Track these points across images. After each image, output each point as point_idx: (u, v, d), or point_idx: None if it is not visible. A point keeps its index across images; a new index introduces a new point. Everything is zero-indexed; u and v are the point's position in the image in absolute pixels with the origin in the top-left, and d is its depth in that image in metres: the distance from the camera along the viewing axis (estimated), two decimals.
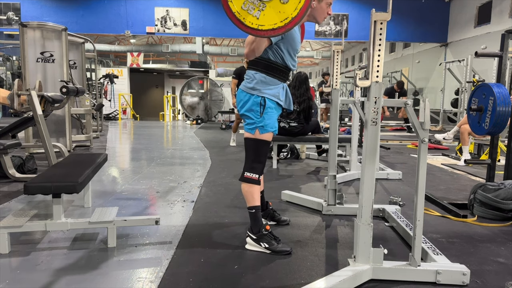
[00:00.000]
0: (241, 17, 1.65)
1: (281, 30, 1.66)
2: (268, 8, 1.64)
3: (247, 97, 2.09)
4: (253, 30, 1.67)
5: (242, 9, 1.63)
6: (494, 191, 2.80)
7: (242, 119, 2.17)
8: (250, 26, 1.66)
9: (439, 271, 1.78)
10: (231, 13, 1.64)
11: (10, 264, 1.94)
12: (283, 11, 1.64)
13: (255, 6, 1.63)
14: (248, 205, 2.15)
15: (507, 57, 3.09)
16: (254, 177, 2.11)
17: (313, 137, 4.86)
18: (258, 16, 1.64)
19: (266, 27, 1.65)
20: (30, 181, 2.05)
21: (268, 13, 1.64)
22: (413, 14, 13.55)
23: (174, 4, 13.24)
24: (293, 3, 1.63)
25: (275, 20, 1.64)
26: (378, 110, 1.69)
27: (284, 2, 1.63)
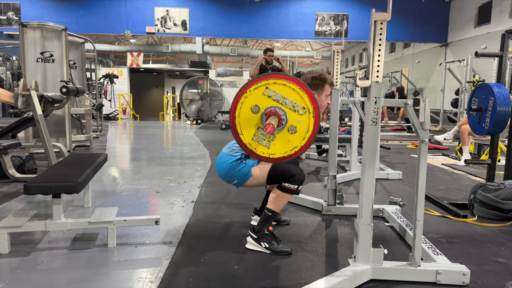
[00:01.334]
0: (253, 147, 1.77)
1: (291, 157, 1.78)
2: (277, 138, 1.76)
3: (228, 157, 2.18)
4: (265, 158, 1.79)
5: (253, 140, 1.76)
6: (494, 191, 2.80)
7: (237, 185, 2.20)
8: (262, 155, 1.78)
9: (439, 271, 1.78)
10: (243, 144, 1.77)
11: (10, 264, 1.94)
12: (292, 140, 1.76)
13: (265, 138, 1.76)
14: (269, 207, 2.13)
15: (507, 57, 3.09)
16: (293, 187, 2.09)
17: None
18: (268, 146, 1.77)
19: (277, 156, 1.78)
20: (30, 181, 2.05)
21: (278, 143, 1.76)
22: (413, 14, 13.54)
23: (174, 4, 13.24)
24: (301, 133, 1.74)
25: (285, 149, 1.77)
26: (378, 110, 1.69)
27: (292, 132, 1.74)
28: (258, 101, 1.74)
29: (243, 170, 2.14)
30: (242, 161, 2.15)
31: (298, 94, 1.72)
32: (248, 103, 1.74)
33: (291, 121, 1.74)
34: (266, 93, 1.72)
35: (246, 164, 2.15)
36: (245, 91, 1.74)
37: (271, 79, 1.72)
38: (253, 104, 1.74)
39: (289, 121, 1.74)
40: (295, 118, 1.74)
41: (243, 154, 2.16)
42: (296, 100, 1.73)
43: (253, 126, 1.76)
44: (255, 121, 1.75)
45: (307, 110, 1.73)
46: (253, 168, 2.14)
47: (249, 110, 1.74)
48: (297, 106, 1.73)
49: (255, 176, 2.14)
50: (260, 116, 1.74)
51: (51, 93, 3.95)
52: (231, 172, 2.16)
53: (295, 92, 1.72)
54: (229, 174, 2.18)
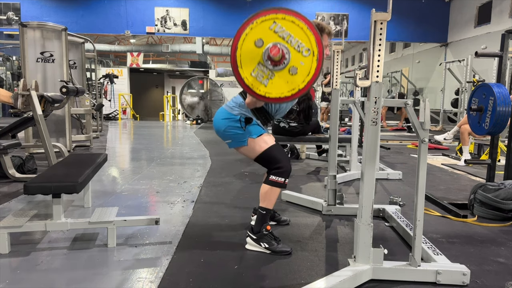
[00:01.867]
0: (250, 83, 1.70)
1: (287, 98, 1.72)
2: (276, 77, 1.69)
3: (225, 117, 2.13)
4: (261, 97, 1.73)
5: (251, 76, 1.69)
6: (494, 191, 2.80)
7: (229, 144, 2.17)
8: (257, 93, 1.71)
9: (439, 271, 1.78)
10: (240, 78, 1.70)
11: (10, 264, 1.94)
12: (291, 81, 1.69)
13: (264, 75, 1.68)
14: (262, 206, 2.13)
15: (507, 57, 3.09)
16: (280, 180, 2.07)
17: (313, 137, 4.86)
18: (266, 84, 1.70)
19: (273, 95, 1.71)
20: (30, 181, 2.05)
21: (276, 82, 1.69)
22: (413, 14, 13.55)
23: (174, 4, 13.24)
24: (301, 75, 1.67)
25: (282, 89, 1.70)
26: (378, 110, 1.69)
27: (292, 73, 1.67)
28: (263, 35, 1.64)
29: (241, 137, 2.10)
30: (241, 125, 2.09)
31: (305, 34, 1.64)
32: (252, 35, 1.65)
33: (293, 61, 1.66)
34: (273, 28, 1.64)
35: (245, 132, 2.09)
36: (252, 21, 1.64)
37: (280, 14, 1.63)
38: (258, 38, 1.65)
39: (291, 61, 1.66)
40: (298, 59, 1.66)
41: (243, 115, 2.10)
42: (302, 40, 1.65)
43: (254, 60, 1.67)
44: (257, 56, 1.66)
45: (312, 52, 1.66)
46: (250, 139, 2.09)
47: (253, 43, 1.65)
48: (302, 47, 1.65)
49: (249, 147, 2.10)
50: (263, 51, 1.65)
51: (51, 93, 3.95)
52: (228, 132, 2.12)
53: (303, 32, 1.64)
54: (226, 133, 2.13)
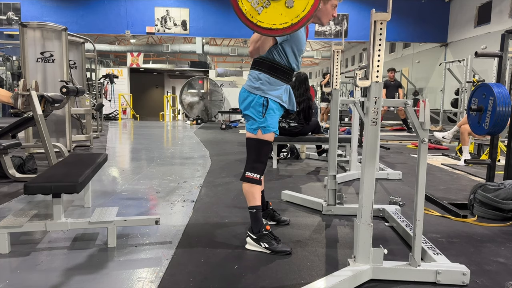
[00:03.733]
0: (244, 7, 1.63)
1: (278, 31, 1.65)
2: (271, 7, 1.62)
3: (251, 97, 2.10)
4: (251, 24, 1.65)
5: (247, 1, 1.62)
6: (494, 191, 2.80)
7: (244, 118, 2.18)
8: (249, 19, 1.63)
9: (439, 271, 1.78)
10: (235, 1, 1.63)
11: (10, 264, 1.94)
12: (285, 14, 1.62)
13: (260, 1, 1.61)
14: (249, 205, 2.15)
15: (507, 57, 3.09)
16: (256, 177, 2.11)
17: (313, 137, 4.86)
18: (259, 12, 1.62)
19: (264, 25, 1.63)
20: (30, 181, 2.06)
21: (270, 12, 1.62)
22: (413, 14, 13.55)
23: (174, 4, 13.24)
24: (296, 10, 1.61)
25: (274, 21, 1.62)
26: (378, 110, 1.69)
27: (288, 6, 1.62)
28: None
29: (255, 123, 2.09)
30: (263, 110, 2.07)
31: None
32: None
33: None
34: None
35: (262, 121, 2.08)
36: None
37: None
38: None
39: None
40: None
41: (262, 93, 2.07)
42: None
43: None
44: None
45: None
46: (260, 130, 2.09)
47: None
48: None
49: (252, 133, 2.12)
50: None
51: (51, 93, 3.95)
52: (248, 109, 2.11)
53: None
54: (247, 109, 2.12)
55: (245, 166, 2.16)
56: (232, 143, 7.20)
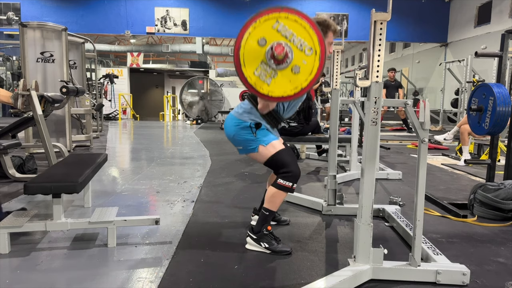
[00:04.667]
0: (253, 82, 1.71)
1: (290, 97, 1.73)
2: (279, 76, 1.69)
3: (237, 123, 2.13)
4: (264, 96, 1.73)
5: (254, 75, 1.69)
6: (494, 191, 2.80)
7: (240, 151, 2.19)
8: (261, 92, 1.72)
9: (439, 271, 1.78)
10: (243, 77, 1.70)
11: (10, 264, 1.94)
12: (293, 80, 1.69)
13: (267, 73, 1.69)
14: (266, 207, 2.13)
15: (507, 57, 3.09)
16: (288, 185, 2.07)
17: (313, 137, 4.86)
18: (269, 83, 1.70)
19: (276, 94, 1.71)
20: (30, 181, 2.06)
21: (279, 81, 1.70)
22: (413, 14, 13.55)
23: (174, 4, 13.24)
24: (304, 74, 1.68)
25: (285, 88, 1.70)
26: (378, 110, 1.69)
27: (295, 72, 1.68)
28: (266, 33, 1.66)
29: (251, 143, 2.11)
30: (252, 131, 2.09)
31: (308, 32, 1.65)
32: (255, 34, 1.66)
33: (296, 60, 1.67)
34: (276, 27, 1.65)
35: (256, 139, 2.10)
36: (255, 20, 1.65)
37: (283, 13, 1.65)
38: (261, 36, 1.66)
39: (294, 60, 1.67)
40: (300, 58, 1.67)
41: (253, 121, 2.10)
42: (305, 39, 1.66)
43: (257, 59, 1.68)
44: (260, 54, 1.67)
45: (314, 51, 1.66)
46: (261, 147, 2.10)
47: (256, 42, 1.67)
48: (305, 46, 1.66)
49: (260, 153, 2.11)
50: (266, 50, 1.66)
51: (51, 93, 3.95)
52: (238, 139, 2.14)
53: (305, 31, 1.65)
54: (236, 139, 2.15)
55: (277, 174, 2.13)
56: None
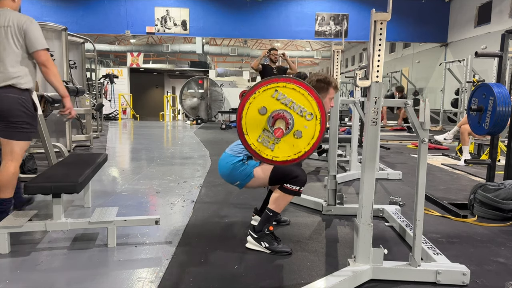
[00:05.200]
0: (257, 149, 1.76)
1: (294, 161, 1.77)
2: (282, 142, 1.74)
3: (231, 159, 2.20)
4: (269, 161, 1.78)
5: (258, 142, 1.75)
6: (494, 191, 2.80)
7: (240, 186, 2.22)
8: (265, 157, 1.77)
9: (439, 271, 1.78)
10: (247, 145, 1.76)
11: (10, 264, 1.94)
12: (296, 145, 1.74)
13: (270, 140, 1.74)
14: (270, 207, 2.14)
15: (507, 57, 3.09)
16: (295, 189, 2.11)
17: None
18: (273, 148, 1.75)
19: (280, 159, 1.76)
20: (30, 181, 2.06)
21: (282, 147, 1.75)
22: (413, 14, 13.54)
23: (174, 4, 13.23)
24: (306, 138, 1.73)
25: (289, 153, 1.75)
26: (378, 110, 1.69)
27: (297, 137, 1.73)
28: (266, 103, 1.73)
29: (246, 171, 2.15)
30: (244, 162, 2.17)
31: (306, 99, 1.72)
32: (256, 104, 1.73)
33: (297, 126, 1.73)
34: (275, 96, 1.72)
35: (249, 165, 2.16)
36: (254, 92, 1.73)
37: (281, 82, 1.71)
38: (261, 106, 1.73)
39: (295, 125, 1.73)
40: (301, 123, 1.73)
41: (246, 155, 2.18)
42: (304, 105, 1.72)
43: (259, 127, 1.75)
44: (262, 122, 1.74)
45: (314, 116, 1.73)
46: (256, 169, 2.15)
47: (257, 111, 1.73)
48: (305, 112, 1.72)
49: (257, 177, 2.15)
50: (267, 118, 1.73)
51: (51, 93, 3.95)
52: (233, 173, 2.18)
53: (304, 98, 1.71)
54: (231, 175, 2.19)
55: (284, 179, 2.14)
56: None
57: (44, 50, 2.39)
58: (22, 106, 2.35)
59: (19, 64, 2.35)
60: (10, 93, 2.31)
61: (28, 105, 2.40)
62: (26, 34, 2.32)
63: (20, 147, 2.37)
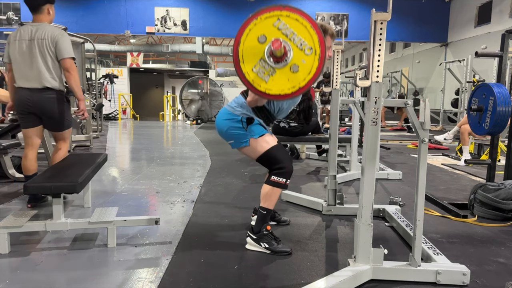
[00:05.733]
0: (251, 78, 1.70)
1: (287, 96, 1.71)
2: (277, 74, 1.68)
3: (229, 117, 2.14)
4: (261, 93, 1.72)
5: (253, 71, 1.68)
6: (494, 191, 2.80)
7: (232, 145, 2.19)
8: (258, 89, 1.71)
9: (439, 271, 1.78)
10: (241, 73, 1.70)
11: (10, 264, 1.94)
12: (292, 79, 1.68)
13: (265, 71, 1.68)
14: (263, 206, 2.13)
15: (507, 57, 3.09)
16: (281, 181, 2.08)
17: (313, 137, 4.86)
18: (267, 80, 1.69)
19: (273, 92, 1.70)
20: (30, 181, 2.05)
21: (277, 79, 1.69)
22: (413, 14, 13.54)
23: (174, 4, 13.23)
24: (302, 73, 1.67)
25: (282, 86, 1.69)
26: (378, 110, 1.69)
27: (294, 71, 1.66)
28: (266, 31, 1.65)
29: (243, 137, 2.11)
30: (243, 126, 2.10)
31: (308, 32, 1.64)
32: (256, 31, 1.66)
33: (295, 59, 1.67)
34: (277, 25, 1.64)
35: (247, 133, 2.10)
36: (256, 17, 1.65)
37: (285, 11, 1.64)
38: (261, 34, 1.65)
39: (293, 59, 1.66)
40: (299, 57, 1.66)
41: (244, 115, 2.11)
42: (305, 38, 1.65)
43: (256, 56, 1.68)
44: (259, 52, 1.67)
45: (314, 51, 1.66)
46: (252, 140, 2.10)
47: (256, 39, 1.66)
48: (305, 45, 1.65)
49: (251, 147, 2.11)
50: (266, 48, 1.66)
51: None
52: (230, 132, 2.14)
53: (306, 30, 1.64)
54: (228, 134, 2.15)
55: (269, 171, 2.13)
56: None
57: (69, 58, 2.81)
58: (59, 104, 2.85)
59: (52, 69, 2.80)
60: (48, 94, 2.80)
61: (62, 102, 2.90)
62: (57, 45, 2.77)
63: (68, 133, 3.04)
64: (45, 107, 2.79)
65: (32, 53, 2.74)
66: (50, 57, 2.78)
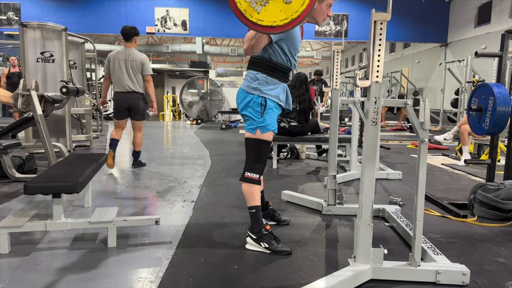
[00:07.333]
0: (243, 8, 1.63)
1: (279, 28, 1.64)
2: (270, 4, 1.62)
3: (249, 97, 2.10)
4: (252, 24, 1.65)
5: (245, 1, 1.62)
6: (494, 191, 2.80)
7: (243, 118, 2.18)
8: (249, 19, 1.64)
9: (439, 271, 1.78)
10: (233, 2, 1.63)
11: (10, 264, 1.94)
12: (284, 10, 1.62)
13: (258, 0, 1.62)
14: (249, 205, 2.15)
15: (507, 57, 3.09)
16: (255, 177, 2.12)
17: (313, 137, 4.86)
18: (259, 10, 1.63)
19: (265, 23, 1.63)
20: (30, 181, 2.06)
21: (269, 10, 1.62)
22: (413, 14, 13.55)
23: (174, 4, 13.24)
24: (295, 5, 1.62)
25: (274, 18, 1.63)
26: (378, 110, 1.69)
27: (287, 2, 1.62)
28: None
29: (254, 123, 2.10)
30: (261, 110, 2.08)
31: None
32: None
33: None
34: None
35: (260, 120, 2.08)
36: None
37: None
38: None
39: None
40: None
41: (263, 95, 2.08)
42: None
43: None
44: None
45: None
46: (258, 130, 2.10)
47: None
48: None
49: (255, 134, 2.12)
50: None
51: (51, 93, 3.95)
52: (247, 109, 2.11)
53: None
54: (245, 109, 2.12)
55: (245, 166, 2.16)
56: (232, 143, 7.20)
57: (149, 75, 4.33)
58: (142, 102, 4.32)
59: (138, 80, 4.25)
60: (137, 95, 4.25)
61: (143, 101, 4.34)
62: (143, 66, 4.26)
63: (142, 123, 4.42)
64: (133, 103, 4.22)
65: (127, 69, 4.17)
66: (138, 73, 4.22)
